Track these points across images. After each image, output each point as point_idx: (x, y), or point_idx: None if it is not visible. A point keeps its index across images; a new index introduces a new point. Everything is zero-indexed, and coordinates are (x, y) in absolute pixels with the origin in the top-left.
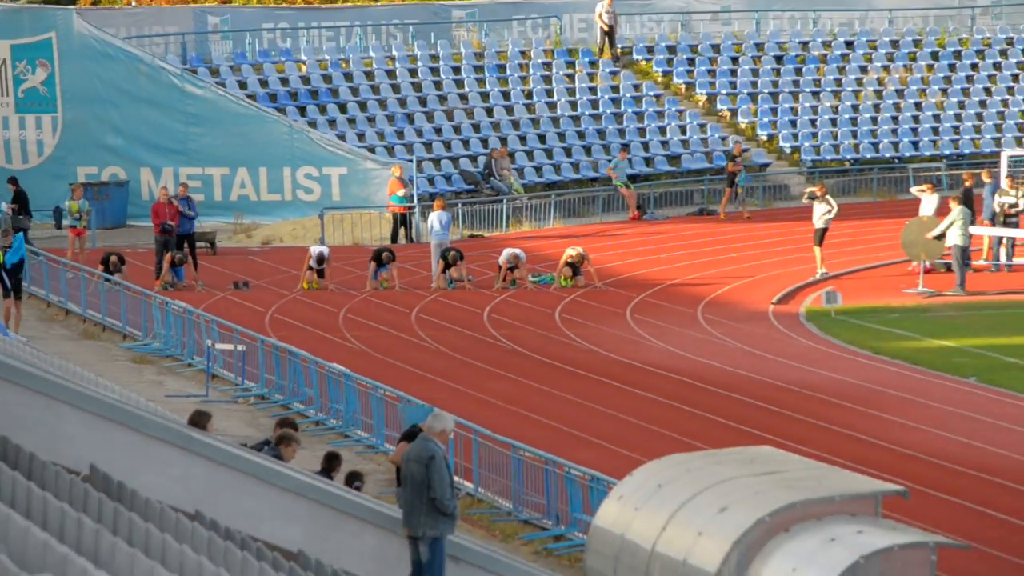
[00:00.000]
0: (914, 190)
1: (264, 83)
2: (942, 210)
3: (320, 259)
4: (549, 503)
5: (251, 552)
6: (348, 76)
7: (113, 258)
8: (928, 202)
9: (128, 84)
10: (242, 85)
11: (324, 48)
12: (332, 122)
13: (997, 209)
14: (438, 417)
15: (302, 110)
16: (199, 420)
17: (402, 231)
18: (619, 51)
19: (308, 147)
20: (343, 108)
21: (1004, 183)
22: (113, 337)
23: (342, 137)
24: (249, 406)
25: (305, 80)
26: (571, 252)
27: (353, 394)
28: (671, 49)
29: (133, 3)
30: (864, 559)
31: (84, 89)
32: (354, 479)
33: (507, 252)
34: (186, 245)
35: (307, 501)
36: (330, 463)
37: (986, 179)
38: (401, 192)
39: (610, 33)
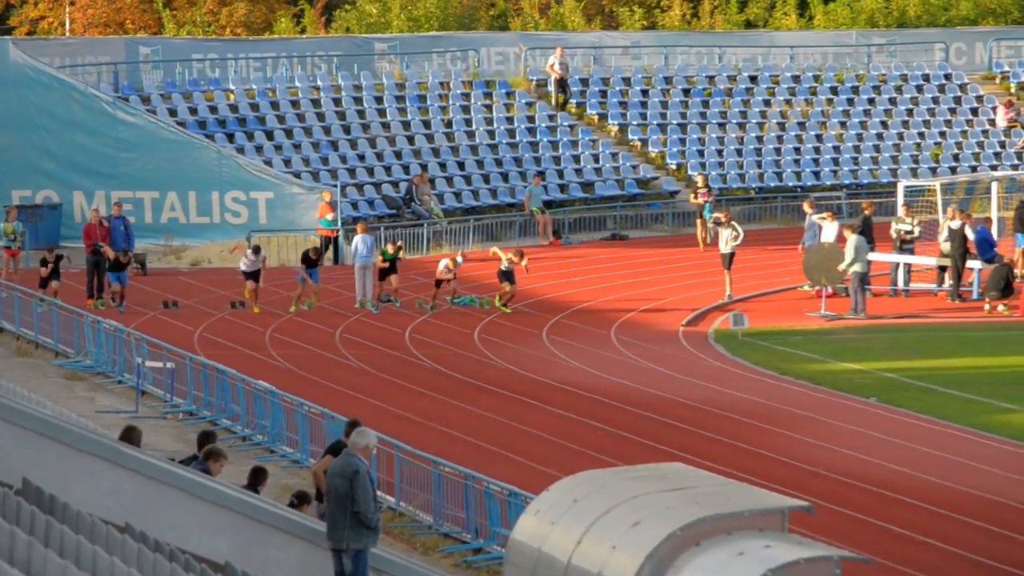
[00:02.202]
0: (815, 218)
1: (194, 111)
2: (842, 237)
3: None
4: (469, 517)
5: (179, 564)
6: (275, 105)
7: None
8: (829, 229)
9: (62, 111)
10: (172, 112)
11: (251, 78)
12: (259, 148)
13: (894, 236)
14: (361, 433)
15: (230, 137)
16: (131, 436)
17: (328, 253)
18: (570, 101)
19: (236, 172)
20: (270, 135)
21: (900, 211)
22: (46, 355)
23: (269, 163)
24: (178, 422)
25: (233, 108)
26: (505, 255)
27: (279, 411)
28: (584, 82)
29: (67, 34)
30: (771, 572)
31: (19, 116)
32: (301, 499)
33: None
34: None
35: (234, 514)
36: (256, 477)
37: (807, 210)
38: (330, 216)
39: (563, 82)
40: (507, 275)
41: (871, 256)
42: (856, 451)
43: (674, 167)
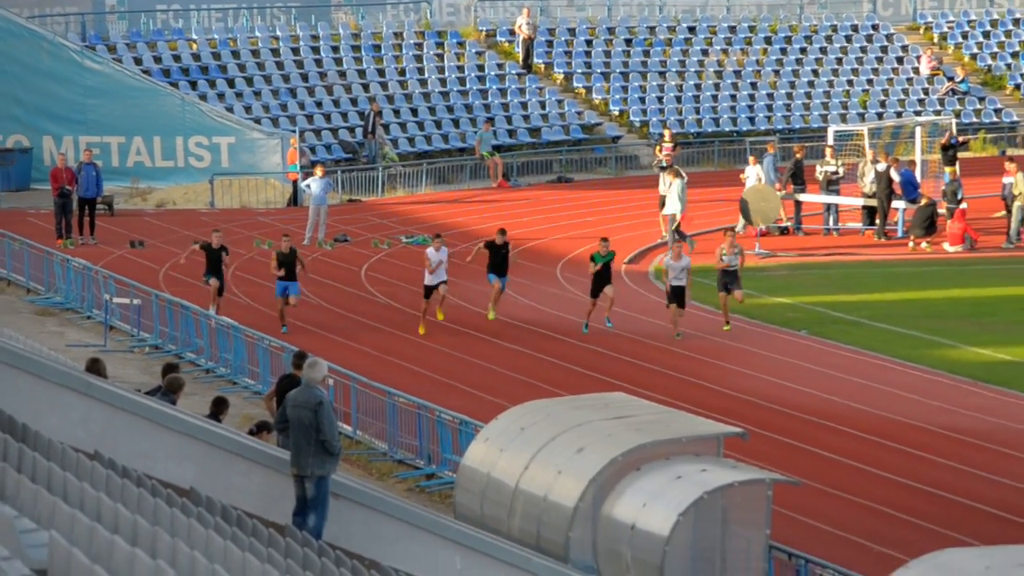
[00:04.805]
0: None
1: (158, 59)
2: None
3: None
4: (421, 444)
5: (147, 489)
6: (236, 54)
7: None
8: (751, 172)
9: (31, 60)
10: (137, 61)
11: (213, 28)
12: (221, 96)
13: (820, 177)
14: (314, 366)
15: (193, 84)
16: (96, 367)
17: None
18: (533, 62)
19: (199, 118)
20: (231, 83)
21: (827, 153)
22: (17, 291)
23: (230, 109)
24: (144, 355)
25: (196, 57)
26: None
27: (241, 345)
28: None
29: None
30: (707, 494)
31: None
32: (262, 428)
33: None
34: (87, 207)
35: (199, 442)
36: (218, 407)
37: (770, 151)
38: (300, 161)
39: (529, 43)
40: (732, 275)
41: (802, 197)
42: (788, 381)
43: (617, 113)
